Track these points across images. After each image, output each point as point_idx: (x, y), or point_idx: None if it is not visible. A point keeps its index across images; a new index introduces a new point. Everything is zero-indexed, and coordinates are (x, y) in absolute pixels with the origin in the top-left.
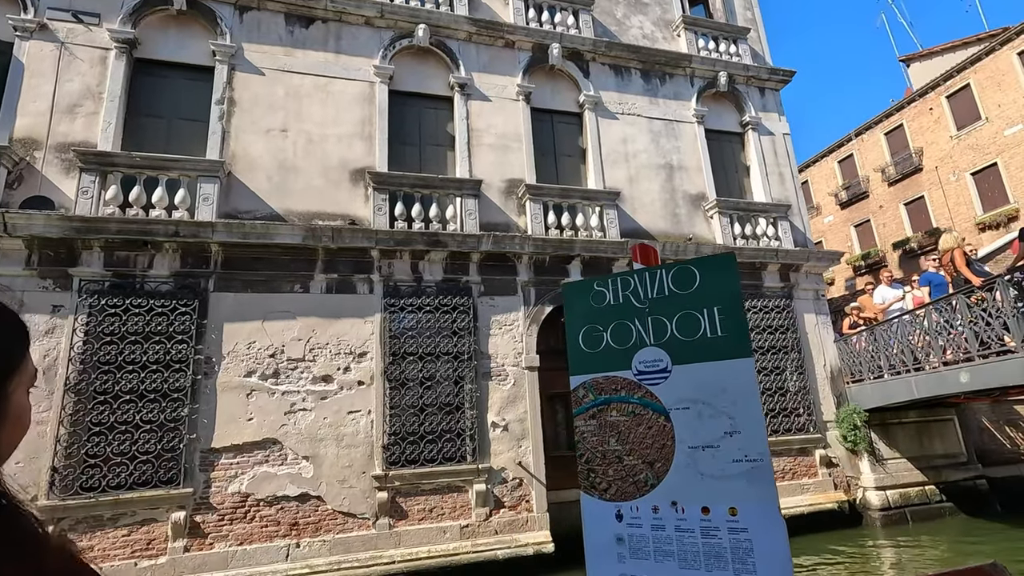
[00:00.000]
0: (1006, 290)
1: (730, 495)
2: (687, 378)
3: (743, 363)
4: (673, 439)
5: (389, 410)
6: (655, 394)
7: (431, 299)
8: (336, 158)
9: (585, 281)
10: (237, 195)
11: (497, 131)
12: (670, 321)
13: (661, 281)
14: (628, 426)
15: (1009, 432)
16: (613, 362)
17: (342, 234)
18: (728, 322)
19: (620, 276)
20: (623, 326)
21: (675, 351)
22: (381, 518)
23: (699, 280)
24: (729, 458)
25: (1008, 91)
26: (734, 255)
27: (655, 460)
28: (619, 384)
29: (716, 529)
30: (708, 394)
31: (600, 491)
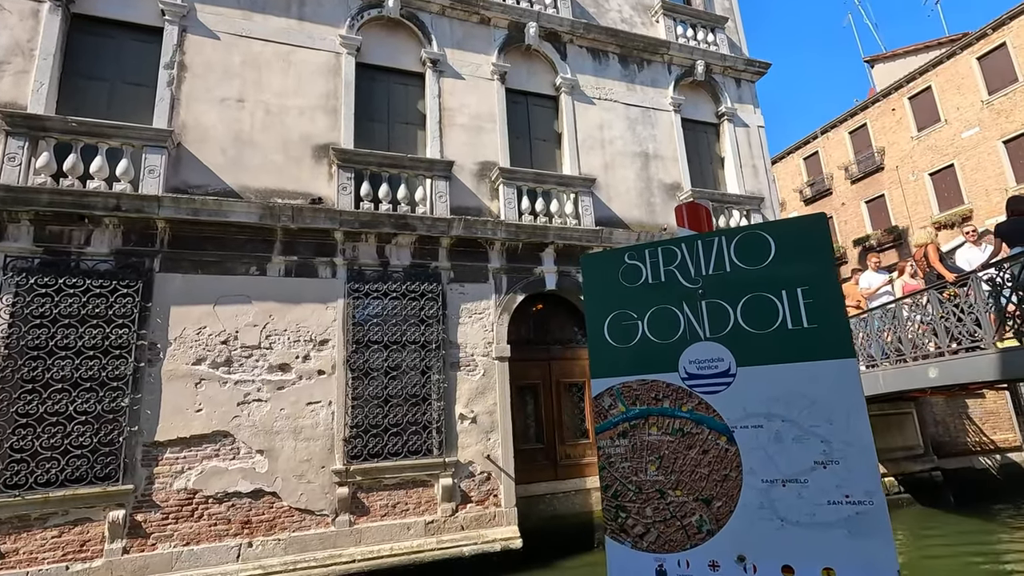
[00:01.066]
0: (979, 286)
1: (824, 551)
2: (759, 384)
3: (842, 365)
4: (739, 469)
5: (351, 401)
6: (712, 406)
7: (398, 285)
8: (297, 132)
9: (612, 252)
10: (187, 168)
11: (470, 111)
12: (733, 307)
13: (720, 252)
14: (674, 449)
15: (962, 425)
16: (652, 361)
17: (303, 214)
18: (819, 308)
19: (662, 246)
20: (666, 313)
21: (741, 348)
22: (341, 515)
23: (775, 250)
24: (823, 498)
25: (967, 94)
26: (825, 215)
27: (713, 497)
28: (661, 391)
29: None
30: (791, 407)
31: (634, 537)
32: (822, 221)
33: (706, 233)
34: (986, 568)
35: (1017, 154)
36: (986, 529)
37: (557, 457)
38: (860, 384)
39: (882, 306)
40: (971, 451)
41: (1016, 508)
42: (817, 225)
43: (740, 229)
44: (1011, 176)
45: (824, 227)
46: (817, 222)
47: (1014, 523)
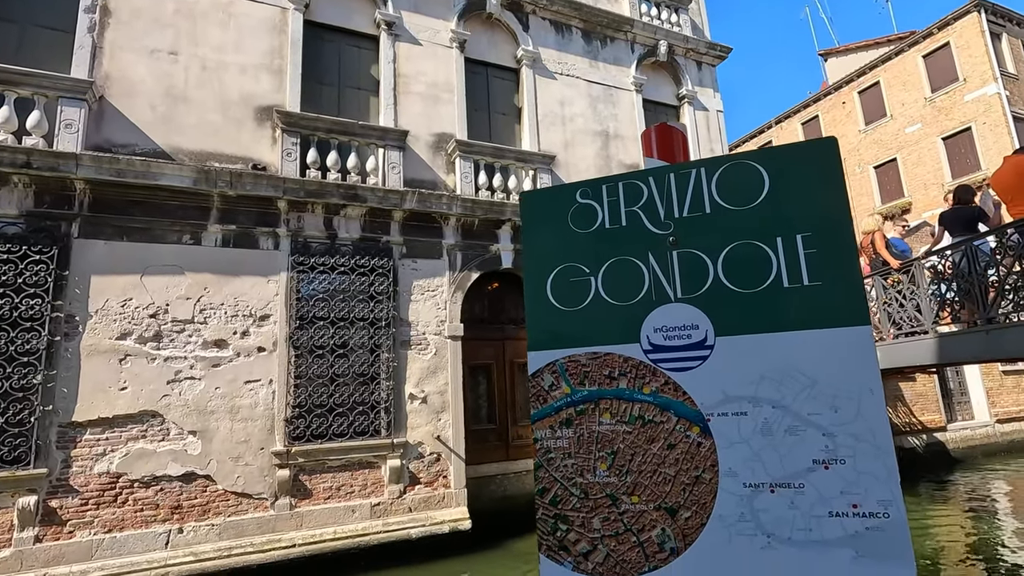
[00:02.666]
0: (921, 273)
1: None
2: (745, 359)
3: (854, 335)
4: (716, 470)
5: (294, 380)
6: (682, 387)
7: (346, 259)
8: (238, 92)
9: (562, 188)
10: (111, 124)
11: (427, 79)
12: (713, 259)
13: (699, 189)
14: (632, 442)
15: (894, 407)
16: (607, 329)
17: (243, 180)
18: (825, 260)
19: (624, 180)
20: (627, 266)
21: (722, 312)
22: (281, 498)
23: (769, 186)
24: (823, 509)
25: (912, 91)
26: (835, 140)
27: (680, 506)
28: (617, 367)
29: None
30: (784, 390)
31: (576, 556)
32: (833, 147)
33: (681, 164)
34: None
35: (955, 150)
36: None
37: (509, 438)
38: (876, 360)
39: None
40: (901, 431)
41: (939, 484)
42: (826, 152)
43: (725, 158)
44: (948, 172)
45: (835, 154)
46: (827, 148)
47: (938, 497)
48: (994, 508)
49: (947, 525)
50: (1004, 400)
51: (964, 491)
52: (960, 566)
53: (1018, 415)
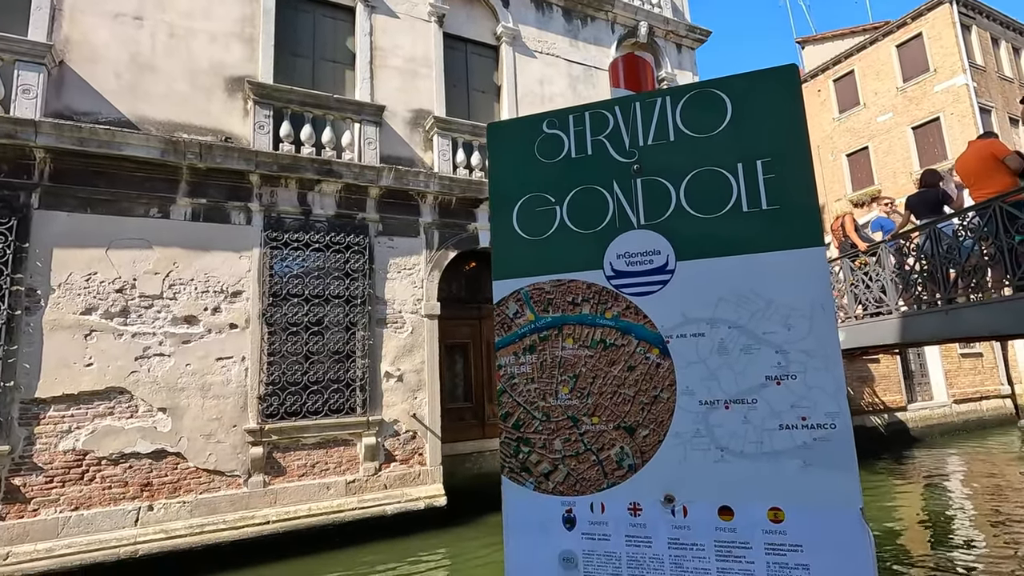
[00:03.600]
0: (887, 256)
1: (774, 487)
2: (704, 282)
3: (809, 256)
4: (673, 389)
5: (268, 357)
6: (643, 311)
7: (321, 236)
8: (207, 60)
9: (529, 118)
10: (73, 91)
11: (404, 53)
12: (676, 186)
13: (663, 116)
14: (593, 366)
15: (859, 387)
16: (572, 256)
17: (213, 152)
18: (783, 185)
19: (590, 109)
20: (592, 195)
21: (683, 237)
22: (255, 475)
23: (731, 113)
24: (774, 422)
25: (885, 80)
26: (796, 66)
27: (638, 425)
28: (580, 293)
29: (744, 545)
30: (741, 310)
31: (538, 476)
32: (793, 74)
33: (647, 92)
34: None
35: (923, 140)
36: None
37: (485, 416)
38: (828, 279)
39: None
40: (864, 410)
41: (898, 461)
42: (786, 80)
43: (690, 86)
44: (916, 161)
45: (795, 81)
46: (787, 75)
47: (895, 473)
48: (945, 484)
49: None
50: (961, 382)
51: (921, 467)
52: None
53: (973, 396)
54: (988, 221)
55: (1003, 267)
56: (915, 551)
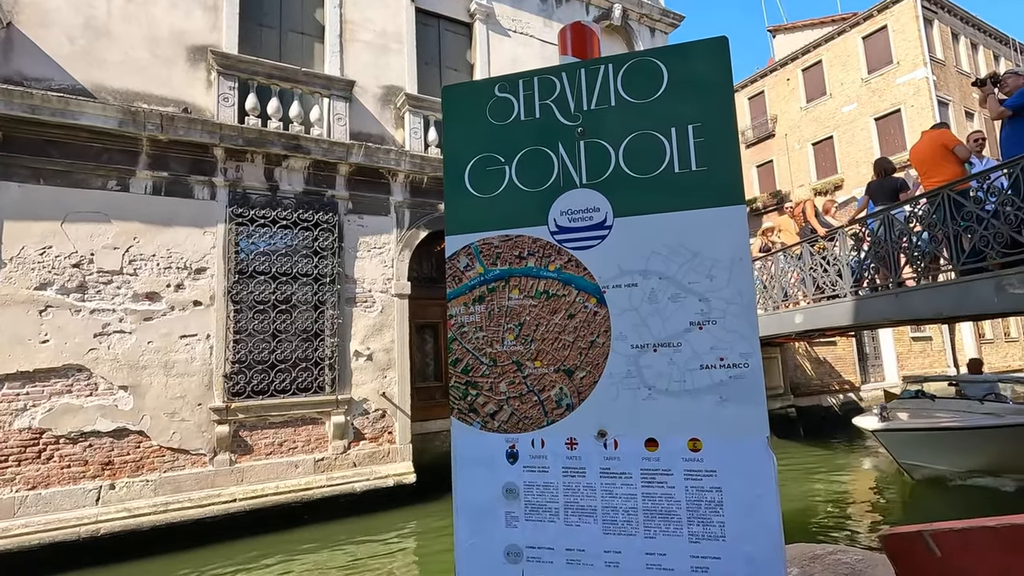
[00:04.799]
0: (844, 241)
1: (693, 421)
2: (638, 237)
3: (731, 213)
4: (608, 334)
5: (234, 335)
6: (583, 263)
7: (289, 212)
8: (167, 28)
9: (482, 82)
10: (23, 56)
11: (375, 27)
12: (616, 147)
13: (606, 83)
14: (537, 314)
15: (816, 368)
16: (519, 213)
17: (175, 123)
18: (711, 148)
19: (539, 75)
20: (539, 155)
21: (621, 195)
22: (221, 453)
23: (667, 81)
24: (696, 362)
25: (851, 71)
26: (726, 39)
27: (576, 368)
28: (526, 247)
29: (666, 473)
30: (670, 262)
31: (484, 417)
32: (723, 46)
33: (591, 60)
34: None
35: (885, 130)
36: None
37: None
38: (747, 234)
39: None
40: (821, 391)
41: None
42: (717, 51)
43: (630, 55)
44: (878, 151)
45: (725, 53)
46: (717, 47)
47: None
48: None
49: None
50: (911, 363)
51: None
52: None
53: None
54: (937, 208)
55: (949, 252)
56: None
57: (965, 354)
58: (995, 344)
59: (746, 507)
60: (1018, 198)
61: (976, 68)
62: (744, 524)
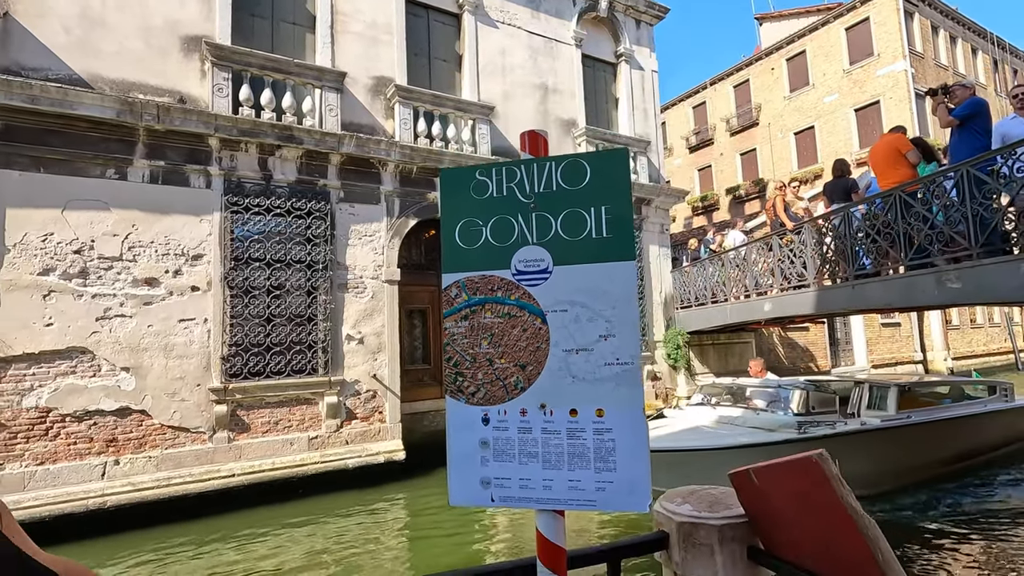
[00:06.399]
0: (810, 234)
1: (598, 397)
2: (568, 279)
3: (626, 266)
4: (548, 342)
5: (230, 319)
6: (533, 295)
7: (282, 201)
8: (161, 18)
9: (466, 169)
10: (21, 46)
11: (366, 19)
12: (555, 219)
13: (550, 174)
14: (502, 328)
15: (789, 353)
16: (491, 260)
17: (171, 114)
18: (615, 223)
19: (506, 166)
20: (505, 221)
21: (558, 251)
22: (219, 432)
23: (589, 176)
24: (602, 361)
25: (833, 62)
26: (627, 151)
27: (527, 363)
28: (495, 284)
29: (582, 430)
30: (588, 297)
31: (467, 395)
32: (623, 155)
33: (541, 158)
34: None
35: (864, 121)
36: None
37: (442, 377)
38: (635, 280)
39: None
40: (793, 373)
41: None
42: (620, 158)
43: (566, 156)
44: (857, 141)
45: (624, 160)
46: (620, 156)
47: None
48: None
49: None
50: (880, 348)
51: None
52: None
53: (890, 361)
54: (889, 208)
55: (898, 248)
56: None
57: (932, 339)
58: (961, 330)
59: (629, 451)
60: (959, 201)
61: (954, 61)
62: (627, 461)
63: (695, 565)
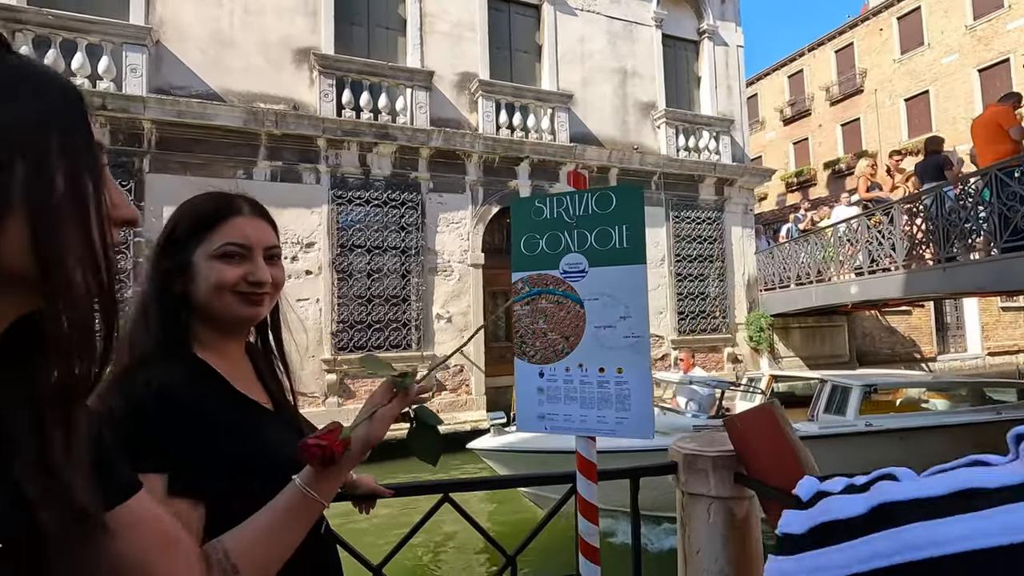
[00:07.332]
0: (899, 215)
1: (619, 360)
2: (599, 277)
3: (638, 268)
4: (585, 321)
5: (337, 300)
6: (574, 288)
7: (379, 193)
8: (276, 34)
9: (529, 198)
10: (169, 68)
11: (451, 18)
12: (590, 234)
13: (587, 202)
14: (553, 311)
15: (885, 338)
16: (545, 263)
17: (286, 120)
18: (631, 237)
19: (556, 196)
20: (555, 235)
21: (592, 257)
22: (331, 397)
23: (615, 204)
24: (621, 335)
25: (953, 18)
26: (641, 189)
27: (570, 336)
28: (548, 280)
29: (607, 382)
30: (612, 289)
31: (529, 357)
32: (640, 192)
33: (581, 190)
34: None
35: (989, 84)
36: None
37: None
38: (645, 278)
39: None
40: (891, 360)
41: None
42: (636, 193)
43: (597, 189)
44: (980, 106)
45: (639, 195)
46: (636, 191)
47: None
48: None
49: None
50: (999, 335)
51: None
52: None
53: (1011, 349)
54: (985, 187)
55: (993, 230)
56: None
57: None
58: None
59: (639, 397)
60: None
61: None
62: (638, 404)
63: (696, 485)
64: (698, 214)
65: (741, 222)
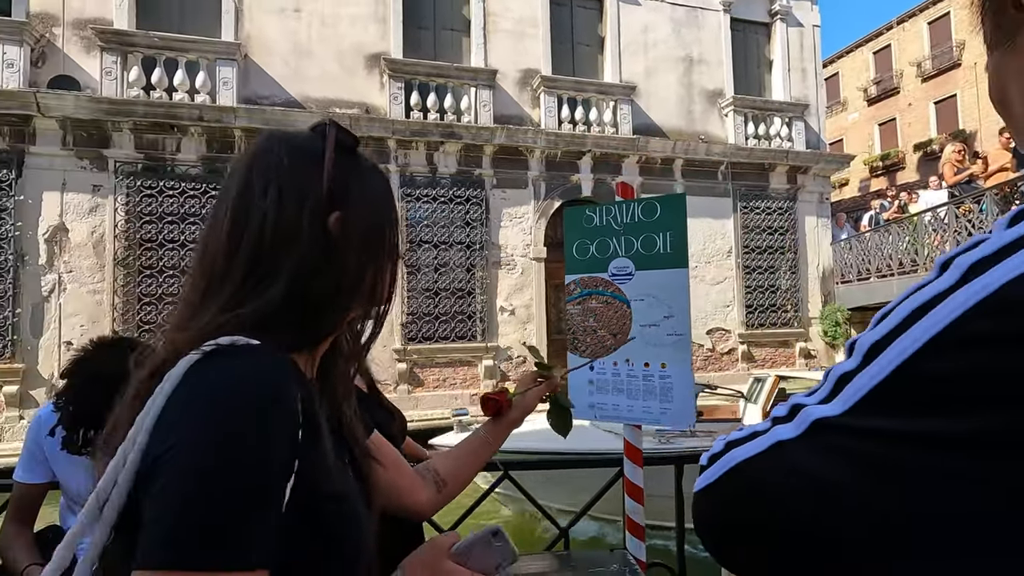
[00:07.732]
0: (991, 203)
1: (663, 356)
2: (644, 280)
3: (681, 271)
4: (631, 319)
5: (407, 292)
6: (622, 289)
7: (445, 190)
8: (349, 42)
9: (580, 207)
10: (255, 79)
11: (514, 16)
12: (637, 240)
13: (634, 211)
14: (602, 311)
15: None
16: (596, 266)
17: (360, 123)
18: (674, 243)
19: (605, 205)
20: (604, 241)
21: (638, 261)
22: (401, 384)
23: (659, 212)
24: (664, 333)
25: None
26: (685, 197)
27: (618, 333)
28: (599, 282)
29: (651, 376)
30: (656, 291)
31: (580, 351)
32: (683, 200)
33: (628, 200)
34: None
35: None
36: None
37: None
38: (688, 280)
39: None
40: None
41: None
42: (681, 200)
43: (643, 199)
44: None
45: (682, 203)
46: (681, 201)
47: None
48: None
49: None
50: None
51: None
52: None
53: None
54: None
55: None
56: None
57: None
58: None
59: (681, 390)
60: None
61: None
62: (679, 396)
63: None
64: (768, 204)
65: (816, 211)
